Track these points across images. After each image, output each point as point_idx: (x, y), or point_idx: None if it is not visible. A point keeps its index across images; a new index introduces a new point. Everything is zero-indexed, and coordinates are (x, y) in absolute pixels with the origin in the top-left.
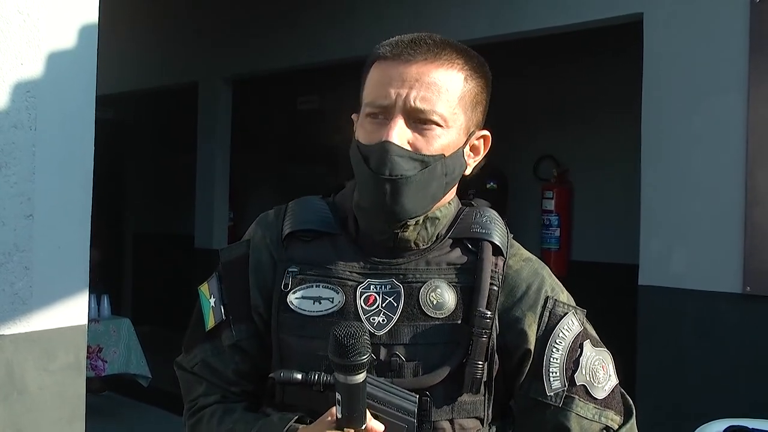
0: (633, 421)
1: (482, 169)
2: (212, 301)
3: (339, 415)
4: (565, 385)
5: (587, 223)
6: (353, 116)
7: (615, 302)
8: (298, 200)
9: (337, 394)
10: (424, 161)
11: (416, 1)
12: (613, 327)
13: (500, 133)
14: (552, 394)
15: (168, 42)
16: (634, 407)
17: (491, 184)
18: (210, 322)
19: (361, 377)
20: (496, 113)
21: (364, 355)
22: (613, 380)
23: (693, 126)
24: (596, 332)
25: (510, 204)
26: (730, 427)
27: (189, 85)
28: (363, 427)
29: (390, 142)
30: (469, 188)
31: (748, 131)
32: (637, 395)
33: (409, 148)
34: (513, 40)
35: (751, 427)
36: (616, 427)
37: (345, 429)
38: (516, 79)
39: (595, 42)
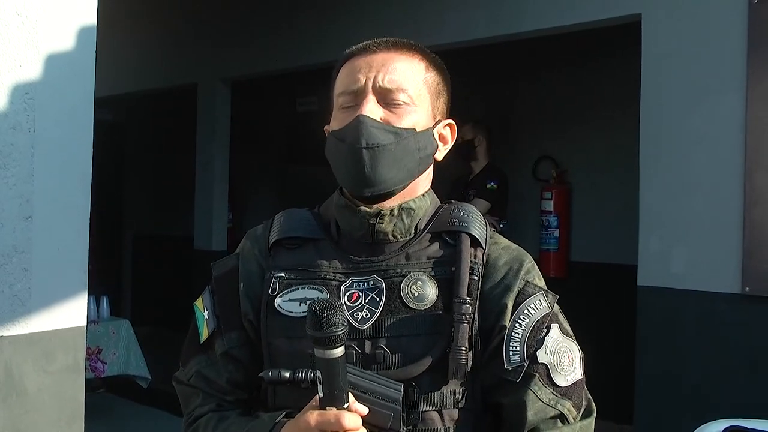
0: (591, 420)
1: (483, 170)
2: (206, 313)
3: (321, 395)
4: (524, 361)
5: (586, 223)
6: (326, 128)
7: (614, 303)
8: (284, 212)
9: (318, 372)
10: (397, 133)
11: (414, 2)
12: (613, 327)
13: (499, 134)
14: (510, 368)
15: (167, 44)
16: (595, 411)
17: (492, 184)
18: (204, 334)
19: (338, 351)
20: (495, 114)
21: (339, 327)
22: (578, 374)
23: (692, 126)
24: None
25: (509, 204)
26: (729, 427)
27: (188, 86)
28: (345, 406)
29: (364, 115)
30: (470, 189)
31: (746, 131)
32: (637, 395)
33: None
34: (511, 41)
35: (750, 427)
36: (572, 420)
37: (327, 408)
38: (514, 80)
39: (594, 43)
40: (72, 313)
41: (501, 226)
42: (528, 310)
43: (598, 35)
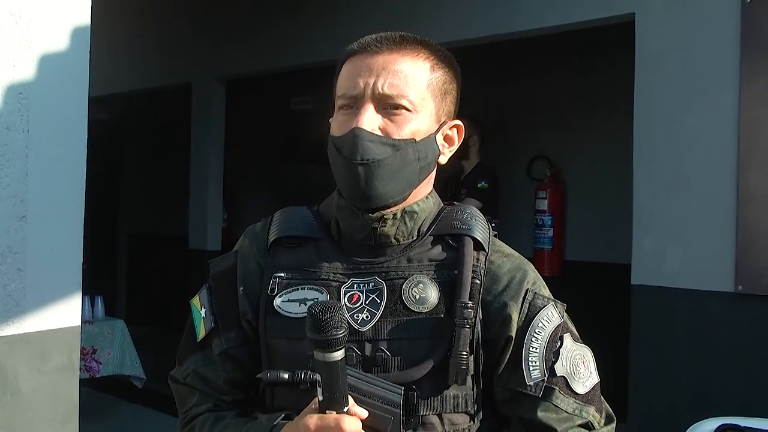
0: (613, 427)
1: (474, 169)
2: (203, 311)
3: (320, 398)
4: (545, 375)
5: (580, 222)
6: (330, 121)
7: (608, 301)
8: (283, 210)
9: (317, 375)
10: (394, 145)
11: (408, 2)
12: (606, 326)
13: (493, 133)
14: (531, 384)
15: (161, 43)
16: (615, 419)
17: (482, 183)
18: (201, 333)
19: (338, 354)
20: (490, 113)
21: (340, 330)
22: (594, 378)
23: (685, 125)
24: (578, 330)
25: (503, 204)
26: (722, 425)
27: (183, 85)
28: (345, 410)
29: (360, 128)
30: (462, 188)
31: (740, 130)
32: (630, 394)
33: (379, 133)
34: (506, 40)
35: (743, 425)
36: (596, 425)
37: (327, 411)
38: (509, 79)
39: (588, 42)
40: (66, 313)
41: (493, 225)
42: (542, 323)
43: (592, 35)
